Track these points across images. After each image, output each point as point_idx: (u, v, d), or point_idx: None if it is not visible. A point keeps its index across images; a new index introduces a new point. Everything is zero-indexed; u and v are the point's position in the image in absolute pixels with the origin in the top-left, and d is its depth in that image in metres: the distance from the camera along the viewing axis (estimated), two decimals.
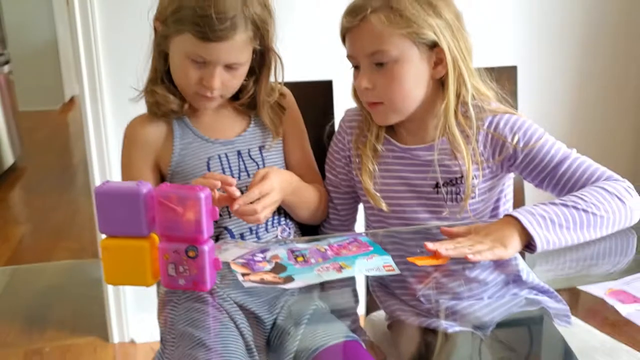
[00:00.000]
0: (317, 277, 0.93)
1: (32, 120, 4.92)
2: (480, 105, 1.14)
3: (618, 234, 1.04)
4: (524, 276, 1.09)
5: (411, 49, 1.08)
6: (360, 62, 1.12)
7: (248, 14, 1.08)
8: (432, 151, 1.14)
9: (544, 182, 1.11)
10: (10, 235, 3.14)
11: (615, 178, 1.07)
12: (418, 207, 1.17)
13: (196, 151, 1.19)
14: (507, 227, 0.98)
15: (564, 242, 0.98)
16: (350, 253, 1.00)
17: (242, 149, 1.21)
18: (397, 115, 1.14)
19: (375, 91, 1.11)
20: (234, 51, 1.10)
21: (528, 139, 1.11)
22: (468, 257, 0.93)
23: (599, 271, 1.01)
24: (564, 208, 0.99)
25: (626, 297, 0.88)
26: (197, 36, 1.07)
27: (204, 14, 1.05)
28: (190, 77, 1.12)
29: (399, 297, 1.14)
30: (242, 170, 1.20)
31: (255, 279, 0.93)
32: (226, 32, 1.06)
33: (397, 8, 1.06)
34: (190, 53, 1.10)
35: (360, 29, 1.09)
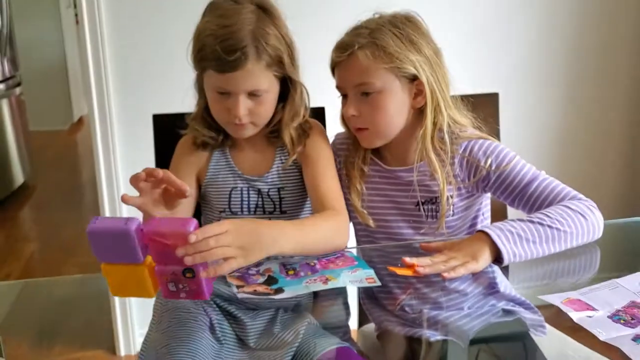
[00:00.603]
0: (305, 289, 1.01)
1: (42, 139, 5.00)
2: (456, 132, 1.24)
3: (584, 251, 1.12)
4: (501, 289, 1.18)
5: (394, 81, 1.18)
6: (348, 92, 1.22)
7: (259, 44, 1.15)
8: (412, 172, 1.23)
9: (514, 201, 1.20)
10: (20, 251, 3.21)
11: (579, 197, 1.16)
12: (402, 223, 1.27)
13: (224, 180, 1.29)
14: (478, 242, 1.06)
15: (530, 255, 1.07)
16: (336, 267, 1.08)
17: (262, 189, 1.28)
18: (381, 140, 1.24)
19: (362, 118, 1.21)
20: (250, 79, 1.16)
21: (500, 162, 1.20)
22: (443, 276, 1.01)
23: (566, 284, 1.09)
24: (531, 224, 1.08)
25: (580, 305, 0.96)
26: (215, 69, 1.15)
27: (217, 49, 1.12)
28: (219, 108, 1.20)
29: (386, 309, 1.23)
30: (258, 206, 1.28)
31: (248, 291, 1.01)
32: (238, 62, 1.13)
33: (381, 45, 1.17)
34: (215, 86, 1.18)
35: (348, 63, 1.20)
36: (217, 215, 1.30)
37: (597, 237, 1.13)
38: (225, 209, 1.29)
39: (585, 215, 1.11)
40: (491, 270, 1.14)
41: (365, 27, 1.20)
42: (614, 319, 0.92)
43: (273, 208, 1.28)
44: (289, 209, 1.29)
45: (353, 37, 1.20)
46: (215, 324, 1.06)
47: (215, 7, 1.21)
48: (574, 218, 1.10)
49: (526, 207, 1.19)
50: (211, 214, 1.32)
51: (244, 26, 1.14)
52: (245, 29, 1.14)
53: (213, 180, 1.30)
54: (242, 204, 1.28)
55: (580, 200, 1.15)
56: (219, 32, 1.13)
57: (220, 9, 1.19)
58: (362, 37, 1.18)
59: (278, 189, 1.28)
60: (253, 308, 1.09)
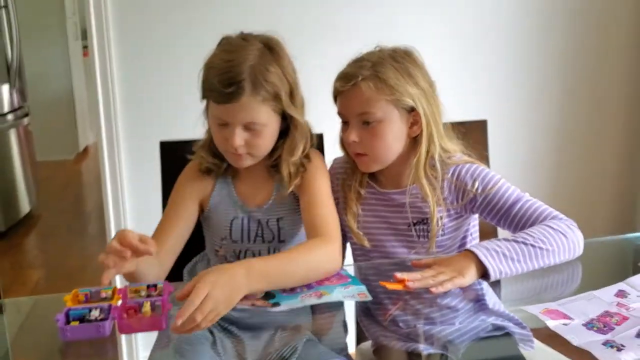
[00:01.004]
0: (300, 303, 1.08)
1: (48, 169, 5.05)
2: (445, 159, 1.32)
3: (567, 266, 1.19)
4: (490, 305, 1.22)
5: (393, 112, 1.27)
6: (349, 119, 1.30)
7: (257, 80, 1.19)
8: (405, 195, 1.31)
9: (500, 221, 1.28)
10: (26, 279, 3.25)
11: (560, 217, 1.23)
12: (395, 242, 1.34)
13: (226, 209, 1.34)
14: (465, 260, 1.14)
15: (514, 272, 1.14)
16: (330, 283, 1.15)
17: (262, 219, 1.34)
18: (378, 165, 1.32)
19: (362, 144, 1.29)
20: (246, 112, 1.20)
21: (485, 185, 1.28)
22: (431, 290, 1.08)
23: (549, 296, 1.14)
24: (515, 243, 1.16)
25: (557, 314, 1.02)
26: (214, 100, 1.21)
27: (216, 81, 1.18)
28: (219, 138, 1.26)
29: (381, 324, 1.28)
30: (258, 235, 1.34)
31: (246, 304, 1.07)
32: (234, 95, 1.18)
33: (383, 78, 1.25)
34: (214, 116, 1.24)
35: (351, 93, 1.27)
36: (218, 242, 1.37)
37: (577, 254, 1.20)
38: (226, 236, 1.35)
39: (565, 234, 1.18)
40: (480, 287, 1.20)
41: (368, 60, 1.28)
42: (588, 327, 0.98)
43: (272, 237, 1.34)
44: (288, 237, 1.35)
45: (356, 69, 1.27)
46: (217, 340, 1.10)
47: (225, 41, 1.28)
48: (555, 237, 1.17)
49: (511, 227, 1.27)
50: (212, 239, 1.39)
51: (245, 61, 1.19)
52: (246, 64, 1.19)
53: (215, 209, 1.35)
54: (242, 233, 1.34)
55: (561, 219, 1.22)
56: (221, 65, 1.19)
57: (229, 44, 1.26)
58: (365, 69, 1.26)
59: (277, 219, 1.33)
60: (253, 328, 1.12)
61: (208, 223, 1.38)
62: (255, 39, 1.26)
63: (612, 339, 0.95)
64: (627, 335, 0.95)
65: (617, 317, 1.02)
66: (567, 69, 2.47)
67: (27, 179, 4.09)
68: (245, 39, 1.26)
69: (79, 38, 5.80)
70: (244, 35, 1.29)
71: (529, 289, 1.24)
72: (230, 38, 1.28)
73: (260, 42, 1.25)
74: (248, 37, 1.27)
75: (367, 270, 1.35)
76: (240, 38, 1.27)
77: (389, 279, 1.15)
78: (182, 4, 2.19)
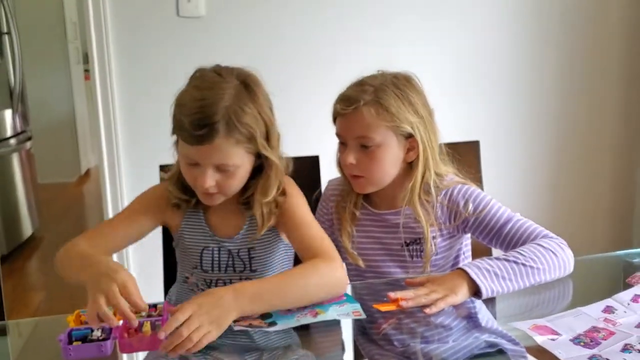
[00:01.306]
0: (296, 322, 1.10)
1: (50, 192, 5.07)
2: (439, 184, 1.36)
3: (558, 283, 1.22)
4: (483, 322, 1.24)
5: (392, 137, 1.30)
6: (348, 142, 1.33)
7: (231, 121, 1.13)
8: (399, 216, 1.35)
9: (492, 240, 1.31)
10: (28, 301, 3.26)
11: (551, 236, 1.26)
12: (389, 262, 1.37)
13: (196, 238, 1.31)
14: (458, 278, 1.17)
15: (506, 290, 1.17)
16: (326, 302, 1.17)
17: (232, 249, 1.30)
18: (374, 187, 1.36)
19: (359, 167, 1.32)
20: (217, 153, 1.15)
21: (477, 206, 1.32)
22: (425, 311, 1.11)
23: (539, 313, 1.16)
24: (506, 262, 1.19)
25: (545, 330, 1.05)
26: (185, 140, 1.16)
27: (189, 120, 1.12)
28: (189, 176, 1.21)
29: (377, 343, 1.30)
30: (229, 266, 1.31)
31: (243, 324, 1.08)
32: (207, 137, 1.12)
33: (384, 104, 1.28)
34: (184, 155, 1.19)
35: (352, 116, 1.30)
36: (189, 270, 1.34)
37: (568, 272, 1.23)
38: (197, 265, 1.32)
39: (556, 253, 1.21)
40: (473, 305, 1.22)
41: (370, 84, 1.30)
42: (575, 342, 1.00)
43: (243, 267, 1.31)
44: (259, 267, 1.32)
45: (358, 93, 1.29)
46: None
47: (199, 76, 1.21)
48: (546, 255, 1.20)
49: (503, 246, 1.30)
50: (183, 266, 1.37)
51: (219, 101, 1.13)
52: (220, 104, 1.13)
53: (185, 238, 1.32)
54: (212, 263, 1.31)
55: (552, 238, 1.26)
56: (193, 105, 1.13)
57: (203, 79, 1.19)
58: (367, 93, 1.28)
59: (248, 249, 1.30)
60: (238, 350, 1.10)
61: (179, 250, 1.36)
62: (231, 74, 1.19)
63: (598, 354, 0.97)
64: (613, 350, 0.98)
65: (604, 332, 1.04)
66: (559, 92, 2.52)
67: (29, 202, 4.12)
68: (220, 74, 1.19)
69: (81, 62, 5.87)
70: (219, 70, 1.22)
71: (519, 305, 1.26)
72: (205, 72, 1.22)
73: (236, 78, 1.19)
74: (223, 72, 1.20)
75: (361, 290, 1.37)
76: (215, 72, 1.20)
77: (383, 298, 1.17)
78: (182, 27, 2.24)
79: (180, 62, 2.25)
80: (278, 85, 2.29)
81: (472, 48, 2.44)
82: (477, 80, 2.45)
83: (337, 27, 2.34)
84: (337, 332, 1.22)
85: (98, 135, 2.24)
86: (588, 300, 1.19)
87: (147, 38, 2.25)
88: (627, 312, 1.11)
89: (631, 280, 1.24)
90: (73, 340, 1.02)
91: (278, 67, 2.32)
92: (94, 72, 2.19)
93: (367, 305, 1.19)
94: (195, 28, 2.26)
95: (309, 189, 1.53)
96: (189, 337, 0.97)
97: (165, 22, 2.26)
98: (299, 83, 2.30)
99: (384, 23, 2.36)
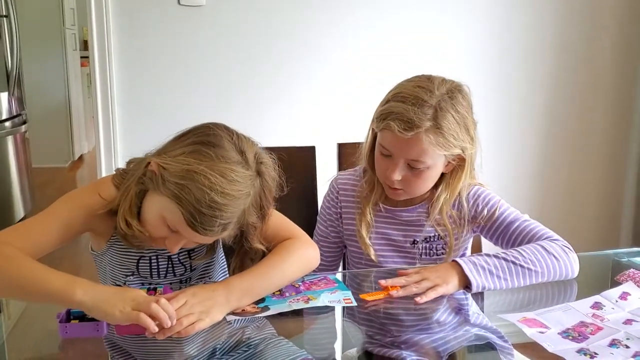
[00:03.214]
0: (288, 307, 1.12)
1: (44, 176, 5.06)
2: None
3: (564, 283, 1.24)
4: (474, 318, 1.26)
5: (441, 159, 1.29)
6: (396, 159, 1.28)
7: (242, 220, 1.08)
8: (412, 213, 1.36)
9: (498, 239, 1.33)
10: None
11: (556, 238, 1.27)
12: (398, 259, 1.38)
13: (130, 249, 1.18)
14: (451, 269, 1.19)
15: (498, 287, 1.19)
16: (318, 288, 1.19)
17: (172, 255, 1.20)
18: (408, 197, 1.35)
19: (402, 182, 1.30)
20: (207, 239, 1.11)
21: (490, 207, 1.35)
22: (416, 300, 1.12)
23: (528, 308, 1.17)
24: (504, 261, 1.20)
25: (534, 323, 1.06)
26: (188, 224, 1.03)
27: (205, 213, 1.01)
28: (157, 231, 1.09)
29: (366, 333, 1.32)
30: (169, 271, 1.21)
31: (237, 311, 1.09)
32: (213, 233, 1.05)
33: (443, 132, 1.23)
34: (169, 222, 1.06)
35: (408, 140, 1.24)
36: (122, 278, 1.22)
37: (570, 276, 1.24)
38: (133, 273, 1.21)
39: (558, 257, 1.22)
40: (465, 300, 1.23)
41: (429, 105, 1.23)
42: (563, 336, 1.02)
43: (184, 270, 1.23)
44: (200, 265, 1.26)
45: (419, 116, 1.22)
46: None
47: (225, 159, 1.05)
48: (547, 259, 1.21)
49: (507, 246, 1.32)
50: (114, 275, 1.23)
51: (240, 204, 1.05)
52: (240, 207, 1.05)
53: (117, 249, 1.19)
54: (151, 270, 1.21)
55: (556, 241, 1.26)
56: (218, 200, 1.01)
57: (230, 167, 1.04)
58: (427, 118, 1.22)
59: (188, 252, 1.22)
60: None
61: (106, 260, 1.22)
62: (250, 163, 1.08)
63: (586, 347, 0.98)
64: (601, 345, 0.99)
65: (592, 327, 1.05)
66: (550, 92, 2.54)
67: (22, 185, 4.11)
68: (246, 160, 1.08)
69: (78, 48, 5.85)
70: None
71: (508, 300, 1.28)
72: (226, 152, 1.06)
73: (254, 169, 1.09)
74: (247, 158, 1.08)
75: (353, 278, 1.39)
76: (239, 154, 1.08)
77: (372, 288, 1.20)
78: (183, 15, 2.24)
79: (181, 50, 2.26)
80: (277, 74, 2.30)
81: (466, 46, 2.45)
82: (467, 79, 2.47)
83: (339, 15, 2.35)
84: (329, 318, 1.23)
85: (96, 121, 2.25)
86: (577, 296, 1.21)
87: (148, 26, 2.25)
88: (615, 309, 1.12)
89: (620, 278, 1.26)
90: (71, 319, 1.03)
91: (278, 56, 2.33)
92: (93, 58, 2.19)
93: (357, 294, 1.20)
94: (196, 16, 2.27)
95: (305, 178, 1.56)
96: (179, 321, 0.99)
97: (166, 10, 2.26)
98: (299, 72, 2.30)
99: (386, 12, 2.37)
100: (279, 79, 2.30)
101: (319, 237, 1.48)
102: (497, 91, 2.49)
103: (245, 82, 2.33)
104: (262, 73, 2.31)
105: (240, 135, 1.10)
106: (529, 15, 2.46)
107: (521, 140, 2.57)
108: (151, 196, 1.08)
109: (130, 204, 1.10)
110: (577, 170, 2.64)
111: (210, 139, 1.06)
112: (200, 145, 1.06)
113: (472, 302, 1.24)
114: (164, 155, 1.08)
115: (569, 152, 2.61)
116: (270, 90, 2.30)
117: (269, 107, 2.30)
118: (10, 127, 3.93)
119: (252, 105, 2.34)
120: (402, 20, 2.38)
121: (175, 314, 0.98)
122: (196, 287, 1.07)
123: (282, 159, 1.49)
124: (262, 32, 2.30)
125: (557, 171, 2.61)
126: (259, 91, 2.33)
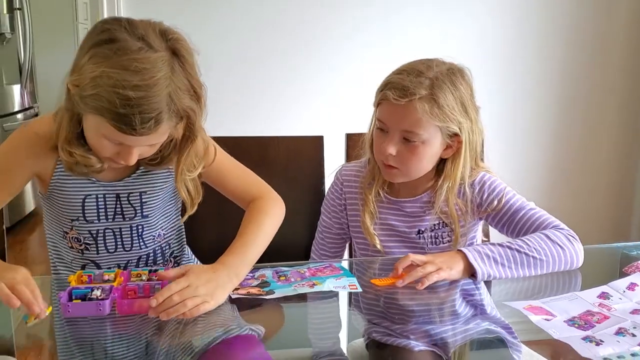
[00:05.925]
0: (293, 291, 1.12)
1: None
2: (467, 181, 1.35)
3: (569, 273, 1.24)
4: (487, 310, 1.24)
5: (437, 135, 1.27)
6: (391, 131, 1.28)
7: (174, 108, 1.01)
8: (416, 204, 1.36)
9: (503, 227, 1.33)
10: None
11: (562, 227, 1.26)
12: (404, 249, 1.37)
13: (75, 186, 1.14)
14: (456, 256, 1.19)
15: (504, 276, 1.18)
16: (323, 274, 1.20)
17: (121, 193, 1.16)
18: (404, 179, 1.34)
19: (397, 158, 1.28)
20: (154, 138, 1.05)
21: (497, 195, 1.34)
22: (417, 287, 1.12)
23: (536, 297, 1.16)
24: (509, 250, 1.19)
25: (540, 311, 1.06)
26: (116, 128, 0.99)
27: (125, 113, 0.96)
28: (106, 150, 1.06)
29: (372, 322, 1.32)
30: (117, 213, 1.17)
31: (242, 292, 1.11)
32: (148, 129, 0.99)
33: (438, 102, 1.22)
34: (106, 135, 1.03)
35: (403, 108, 1.24)
36: (68, 224, 1.18)
37: (575, 265, 1.24)
38: (78, 217, 1.17)
39: (563, 247, 1.21)
40: (478, 292, 1.22)
41: (426, 76, 1.23)
42: (569, 323, 1.02)
43: (134, 214, 1.19)
44: (151, 213, 1.22)
45: (414, 85, 1.22)
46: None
47: (122, 51, 0.98)
48: (552, 248, 1.21)
49: (513, 234, 1.31)
50: (60, 221, 1.20)
51: (160, 90, 0.98)
52: (162, 93, 0.98)
53: (61, 187, 1.15)
54: (98, 211, 1.15)
55: (562, 230, 1.25)
56: (131, 95, 0.95)
57: (131, 57, 0.98)
58: (423, 87, 1.22)
59: (140, 193, 1.18)
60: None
61: (51, 203, 1.18)
62: (160, 43, 1.04)
63: (591, 335, 0.98)
64: (607, 333, 0.99)
65: (598, 316, 1.05)
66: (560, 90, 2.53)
67: None
68: (150, 44, 1.03)
69: None
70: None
71: (514, 289, 1.27)
72: (125, 44, 1.00)
73: (166, 49, 1.06)
74: (151, 42, 1.03)
75: (359, 265, 1.39)
76: (141, 42, 1.02)
77: (382, 274, 1.20)
78: (197, 8, 2.25)
79: (195, 41, 2.26)
80: (283, 62, 2.30)
81: (475, 44, 2.44)
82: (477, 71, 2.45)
83: (350, 7, 2.34)
84: (334, 306, 1.23)
85: None
86: (584, 287, 1.21)
87: (161, 19, 2.25)
88: (623, 299, 1.12)
89: (628, 270, 1.25)
90: (73, 299, 1.04)
91: (284, 44, 2.32)
92: None
93: (363, 280, 1.20)
94: (208, 9, 2.27)
95: (313, 168, 1.56)
96: (183, 302, 0.98)
97: (179, 3, 2.26)
98: (305, 60, 2.30)
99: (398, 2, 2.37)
100: (289, 69, 2.29)
101: (323, 227, 1.48)
102: (507, 84, 2.48)
103: (254, 73, 2.33)
104: (271, 64, 2.31)
105: (131, 20, 1.03)
106: (542, 10, 2.45)
107: (532, 134, 2.56)
108: (84, 118, 1.05)
109: (67, 132, 1.08)
110: (587, 169, 2.63)
111: (102, 36, 1.00)
112: (95, 47, 1.00)
113: (487, 293, 1.23)
114: (74, 73, 1.03)
115: (579, 148, 2.60)
116: (280, 80, 2.30)
117: (277, 97, 2.30)
118: (22, 119, 3.97)
119: (262, 95, 2.34)
120: (414, 11, 2.37)
121: (173, 298, 0.98)
122: (198, 268, 1.07)
123: (290, 148, 1.50)
124: (272, 23, 2.30)
125: (567, 168, 2.60)
126: (269, 82, 2.33)
